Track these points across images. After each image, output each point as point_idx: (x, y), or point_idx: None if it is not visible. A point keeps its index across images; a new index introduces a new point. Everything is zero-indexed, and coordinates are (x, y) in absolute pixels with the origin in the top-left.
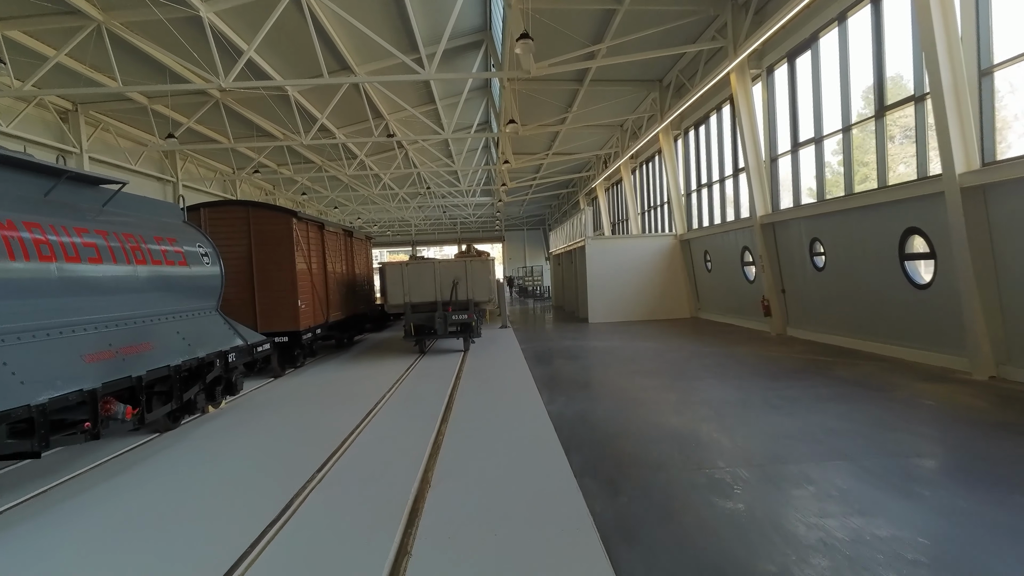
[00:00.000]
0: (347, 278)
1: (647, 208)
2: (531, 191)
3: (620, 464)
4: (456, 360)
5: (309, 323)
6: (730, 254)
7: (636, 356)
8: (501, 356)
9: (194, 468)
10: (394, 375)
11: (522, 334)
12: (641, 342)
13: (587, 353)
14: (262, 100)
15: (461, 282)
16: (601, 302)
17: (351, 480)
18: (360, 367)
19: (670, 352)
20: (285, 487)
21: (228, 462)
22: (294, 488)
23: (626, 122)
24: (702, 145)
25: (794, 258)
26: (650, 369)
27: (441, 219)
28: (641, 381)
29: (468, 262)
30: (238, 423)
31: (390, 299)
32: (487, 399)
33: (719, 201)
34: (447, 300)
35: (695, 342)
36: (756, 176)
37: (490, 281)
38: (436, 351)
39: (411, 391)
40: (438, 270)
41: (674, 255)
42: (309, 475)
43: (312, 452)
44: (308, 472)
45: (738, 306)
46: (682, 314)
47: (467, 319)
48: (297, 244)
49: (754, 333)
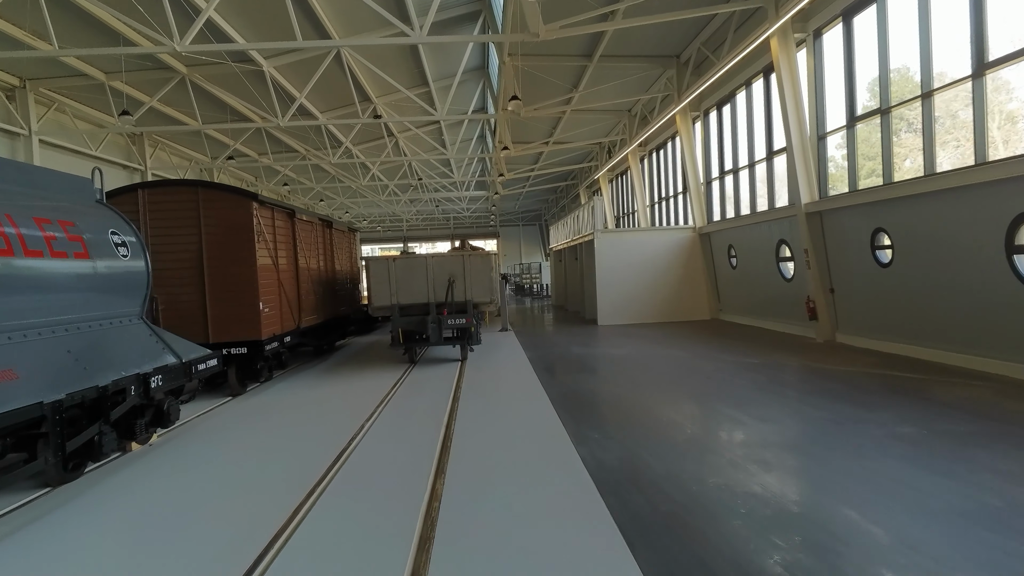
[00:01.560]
0: (326, 276)
1: (657, 200)
2: (529, 183)
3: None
4: (452, 372)
5: (275, 330)
6: (761, 248)
7: (666, 368)
8: (505, 367)
9: (72, 547)
10: (376, 394)
11: (525, 338)
12: (665, 349)
13: (605, 363)
14: (234, 77)
15: (458, 280)
16: (611, 302)
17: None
18: (337, 382)
19: (706, 363)
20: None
21: (125, 535)
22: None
23: (636, 105)
24: (726, 127)
25: (848, 252)
26: (692, 388)
27: (434, 214)
28: (689, 408)
29: (466, 257)
30: (162, 467)
31: (375, 300)
32: (495, 433)
33: (747, 189)
34: (442, 302)
35: (728, 350)
36: (800, 157)
37: (491, 279)
38: (429, 360)
39: (396, 421)
40: (431, 267)
41: (692, 250)
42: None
43: (248, 525)
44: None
45: (771, 307)
46: (700, 315)
47: (465, 324)
48: (259, 234)
49: (794, 339)
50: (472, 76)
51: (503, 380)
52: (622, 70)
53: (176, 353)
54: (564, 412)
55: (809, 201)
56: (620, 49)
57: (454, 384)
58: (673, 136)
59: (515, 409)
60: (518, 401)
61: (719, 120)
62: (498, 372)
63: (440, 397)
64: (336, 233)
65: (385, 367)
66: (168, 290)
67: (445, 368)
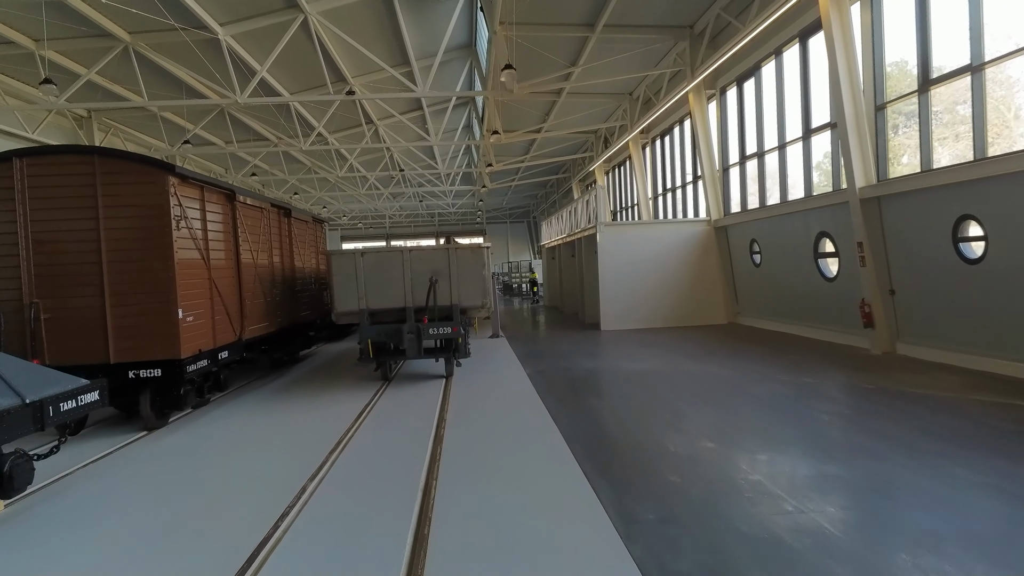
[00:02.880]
0: (283, 275)
1: (662, 191)
2: (518, 175)
3: None
4: (435, 395)
5: (203, 344)
6: (795, 243)
7: (709, 392)
8: (501, 389)
9: None
10: (334, 430)
11: (521, 347)
12: (695, 363)
13: (627, 383)
14: (185, 48)
15: (443, 280)
16: (616, 304)
17: None
18: (288, 410)
19: (755, 385)
20: None
21: None
22: None
23: (639, 86)
24: (748, 105)
25: (916, 245)
26: (759, 424)
27: (418, 210)
28: (776, 463)
29: (453, 251)
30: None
31: (339, 304)
32: (495, 511)
33: (777, 175)
34: (421, 306)
35: (768, 363)
36: (855, 133)
37: (483, 279)
38: (407, 376)
39: (353, 483)
40: (409, 263)
41: (707, 246)
42: None
43: None
44: None
45: (806, 311)
46: (716, 319)
47: (451, 334)
48: (180, 219)
49: (842, 350)
50: (458, 55)
51: (500, 410)
52: (627, 43)
53: (16, 390)
54: (593, 468)
55: (865, 185)
56: (626, 18)
57: (436, 415)
58: (681, 120)
59: (521, 462)
60: (524, 448)
61: (739, 98)
62: (492, 396)
63: (416, 439)
64: (296, 223)
65: (352, 386)
66: (54, 293)
67: (426, 387)
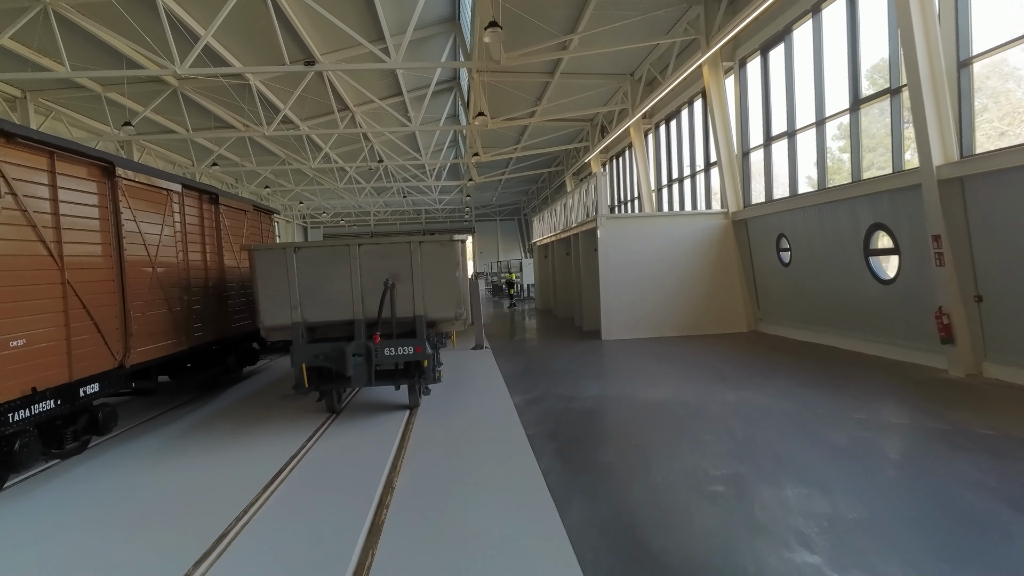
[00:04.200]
0: (204, 277)
1: (667, 182)
2: (509, 168)
3: None
4: (390, 435)
5: (44, 379)
6: (838, 237)
7: (759, 437)
8: (478, 429)
9: None
10: (245, 490)
11: (509, 362)
12: (725, 387)
13: (645, 421)
14: (110, 8)
15: (404, 284)
16: (620, 310)
17: None
18: (193, 457)
19: (821, 424)
20: None
21: None
22: None
23: (642, 65)
24: (775, 77)
25: (1010, 240)
26: (860, 503)
27: (402, 207)
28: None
29: (416, 246)
30: None
31: (266, 316)
32: None
33: (814, 157)
34: (374, 319)
35: (824, 390)
36: (931, 96)
37: (457, 281)
38: (361, 405)
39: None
40: (359, 260)
41: (724, 241)
42: None
43: None
44: None
45: (852, 319)
46: (735, 326)
47: (413, 355)
48: (4, 191)
49: (908, 370)
50: (441, 30)
51: (474, 473)
52: (632, 7)
53: None
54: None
55: (945, 163)
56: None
57: (383, 479)
58: (690, 101)
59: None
60: (506, 551)
61: (764, 69)
62: (467, 442)
63: (348, 520)
64: (227, 212)
65: (287, 421)
66: None
67: (381, 425)
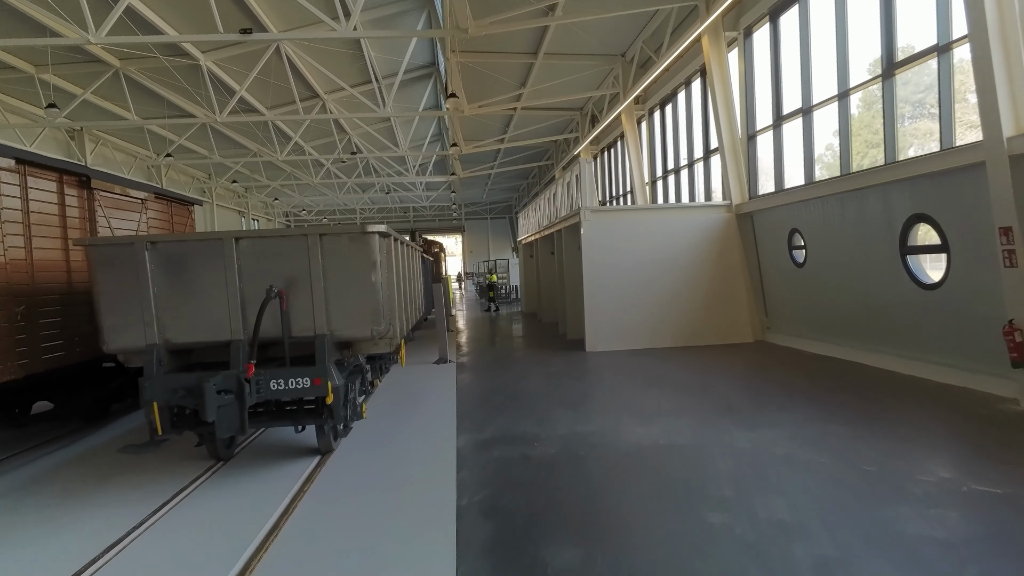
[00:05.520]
0: (63, 283)
1: (662, 174)
2: (497, 162)
3: None
4: (274, 500)
5: None
6: (866, 232)
7: (794, 518)
8: (397, 491)
9: None
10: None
11: (471, 382)
12: (733, 425)
13: (627, 484)
14: None
15: (301, 292)
16: (606, 317)
17: None
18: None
19: (888, 495)
20: None
21: None
22: None
23: (634, 43)
24: (789, 44)
25: None
26: None
27: (387, 204)
28: None
29: (316, 241)
30: None
31: (110, 334)
32: None
33: (834, 140)
34: (272, 338)
35: (869, 430)
36: (1000, 52)
37: (373, 288)
38: (263, 448)
39: None
40: (237, 260)
41: (727, 238)
42: None
43: None
44: None
45: (884, 331)
46: (738, 336)
47: (311, 388)
48: None
49: (967, 398)
50: (412, 6)
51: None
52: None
53: None
54: None
55: (1018, 134)
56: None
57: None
58: (688, 81)
59: None
60: None
61: (773, 37)
62: (371, 517)
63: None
64: (105, 199)
65: (149, 474)
66: None
67: (273, 480)
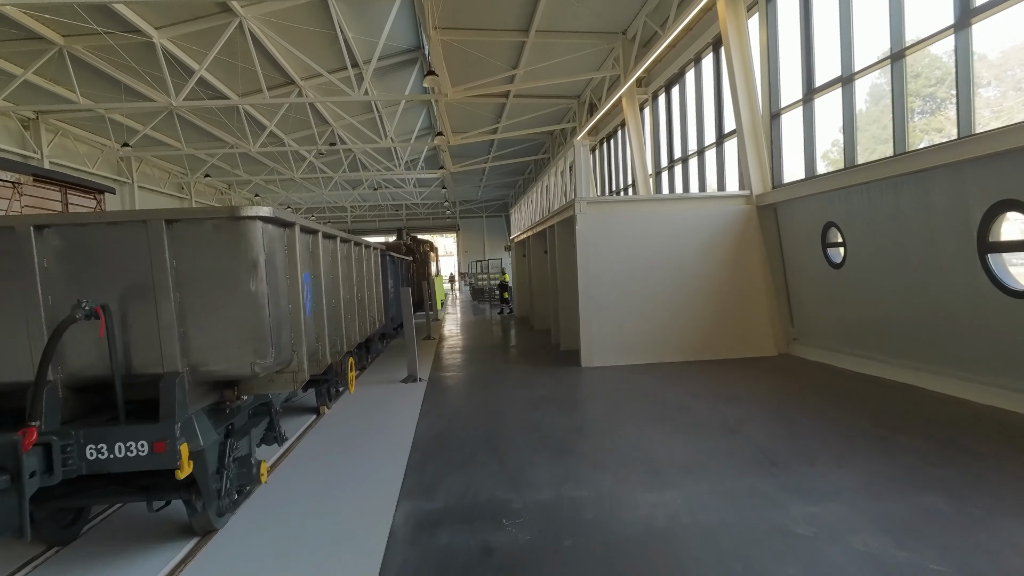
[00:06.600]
0: None
1: (668, 163)
2: (491, 155)
3: None
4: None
5: None
6: (925, 225)
7: None
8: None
9: None
10: None
11: (437, 414)
12: (780, 488)
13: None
14: None
15: (144, 307)
16: (605, 327)
17: None
18: None
19: None
20: None
21: None
22: None
23: (637, 18)
24: (821, 4)
25: None
26: None
27: (379, 202)
28: None
29: (160, 229)
30: None
31: None
32: None
33: (891, 110)
34: (39, 385)
35: (985, 500)
36: None
37: (254, 298)
38: (124, 521)
39: None
40: (33, 256)
41: (745, 234)
42: None
43: None
44: None
45: (947, 347)
46: (760, 349)
47: (150, 455)
48: None
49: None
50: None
51: None
52: None
53: None
54: None
55: None
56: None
57: None
58: (698, 58)
59: None
60: None
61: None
62: None
63: None
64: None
65: None
66: None
67: (131, 570)
